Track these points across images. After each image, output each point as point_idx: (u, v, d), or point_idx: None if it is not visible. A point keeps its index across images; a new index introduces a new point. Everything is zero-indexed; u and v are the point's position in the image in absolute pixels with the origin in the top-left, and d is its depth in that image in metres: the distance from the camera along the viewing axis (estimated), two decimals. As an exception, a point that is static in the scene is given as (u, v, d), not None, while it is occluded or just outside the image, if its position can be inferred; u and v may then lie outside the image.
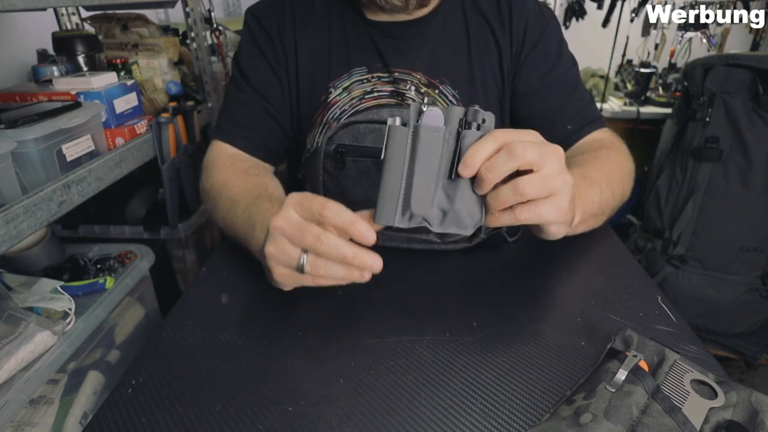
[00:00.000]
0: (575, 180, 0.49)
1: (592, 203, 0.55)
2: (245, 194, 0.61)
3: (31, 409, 0.78)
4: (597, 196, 0.56)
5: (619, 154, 0.66)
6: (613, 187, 0.60)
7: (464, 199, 0.42)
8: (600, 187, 0.57)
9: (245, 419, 0.38)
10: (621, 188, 0.62)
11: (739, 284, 1.45)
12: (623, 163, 0.65)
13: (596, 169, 0.59)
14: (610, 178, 0.60)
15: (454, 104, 0.72)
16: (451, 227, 0.42)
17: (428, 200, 0.42)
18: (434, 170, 0.42)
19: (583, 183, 0.55)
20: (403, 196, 0.42)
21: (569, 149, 0.72)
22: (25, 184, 0.70)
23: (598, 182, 0.57)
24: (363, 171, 0.59)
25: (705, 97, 1.39)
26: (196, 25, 1.26)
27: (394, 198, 0.42)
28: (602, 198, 0.57)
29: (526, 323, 0.48)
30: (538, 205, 0.42)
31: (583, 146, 0.70)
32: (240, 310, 0.51)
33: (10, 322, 0.71)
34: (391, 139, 0.43)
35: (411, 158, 0.42)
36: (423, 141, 0.42)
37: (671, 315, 0.49)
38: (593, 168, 0.59)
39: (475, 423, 0.37)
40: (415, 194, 0.41)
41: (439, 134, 0.42)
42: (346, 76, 0.72)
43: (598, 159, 0.63)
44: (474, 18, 0.73)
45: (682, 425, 0.34)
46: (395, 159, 0.42)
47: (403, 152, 0.42)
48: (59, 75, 1.03)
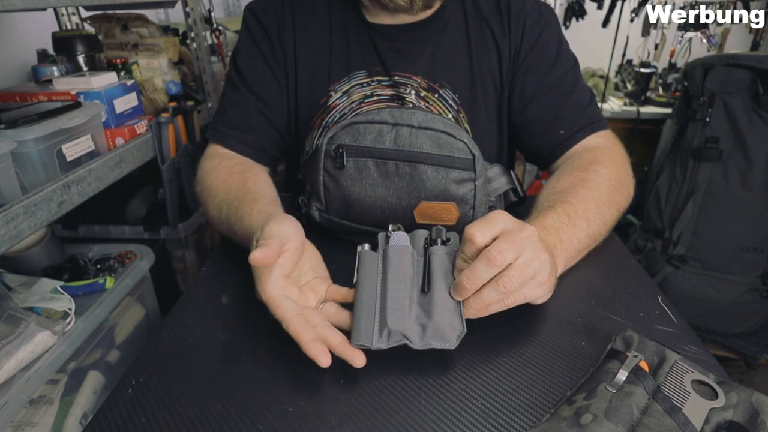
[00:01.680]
0: (559, 223, 0.52)
1: (579, 242, 0.54)
2: (226, 197, 0.62)
3: (31, 409, 0.78)
4: (584, 232, 0.55)
5: (612, 167, 0.63)
6: (603, 212, 0.58)
7: (442, 311, 0.42)
8: (587, 220, 0.56)
9: (245, 419, 0.38)
10: (614, 208, 0.60)
11: (739, 284, 1.45)
12: (615, 177, 0.62)
13: (584, 199, 0.57)
14: (600, 204, 0.58)
15: (454, 108, 0.72)
16: (434, 342, 0.41)
17: (404, 315, 0.42)
18: (407, 286, 0.43)
19: (567, 224, 0.54)
20: (379, 315, 0.42)
21: (562, 156, 0.70)
22: (25, 184, 0.70)
23: (585, 216, 0.56)
24: (363, 170, 0.59)
25: (705, 97, 1.39)
26: (196, 25, 1.26)
27: (371, 318, 0.42)
28: (590, 231, 0.56)
29: (526, 323, 0.48)
30: (522, 289, 0.43)
31: (575, 158, 0.67)
32: (240, 310, 0.51)
33: (10, 322, 0.71)
34: (363, 263, 0.44)
35: (383, 278, 0.44)
36: (392, 260, 0.44)
37: (671, 315, 0.49)
38: (581, 199, 0.57)
39: (475, 423, 0.37)
40: (390, 310, 0.42)
41: (406, 251, 0.45)
42: (346, 80, 0.72)
43: (586, 184, 0.60)
44: (474, 21, 0.72)
45: (683, 426, 0.34)
46: (368, 280, 0.43)
47: (375, 273, 0.44)
48: (59, 75, 1.03)
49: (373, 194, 0.59)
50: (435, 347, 0.41)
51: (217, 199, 0.64)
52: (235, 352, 0.45)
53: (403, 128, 0.59)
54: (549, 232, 0.52)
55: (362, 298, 0.43)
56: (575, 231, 0.55)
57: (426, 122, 0.59)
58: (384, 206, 0.60)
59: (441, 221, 0.60)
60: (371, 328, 0.41)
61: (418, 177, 0.58)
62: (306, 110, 0.74)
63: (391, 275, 0.44)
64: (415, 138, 0.58)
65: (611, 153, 0.67)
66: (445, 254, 0.46)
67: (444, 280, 0.44)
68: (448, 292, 0.43)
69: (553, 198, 0.59)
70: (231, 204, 0.60)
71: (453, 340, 0.41)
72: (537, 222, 0.53)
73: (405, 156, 0.58)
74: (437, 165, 0.58)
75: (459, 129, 0.60)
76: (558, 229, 0.53)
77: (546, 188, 0.64)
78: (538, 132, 0.72)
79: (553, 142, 0.70)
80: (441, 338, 0.41)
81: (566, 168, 0.66)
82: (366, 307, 0.42)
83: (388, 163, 0.58)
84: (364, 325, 0.41)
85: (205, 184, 0.68)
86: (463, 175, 0.59)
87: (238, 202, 0.59)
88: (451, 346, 0.41)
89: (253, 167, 0.71)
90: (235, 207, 0.59)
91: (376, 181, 0.59)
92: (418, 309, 0.43)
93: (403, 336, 0.41)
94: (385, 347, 0.41)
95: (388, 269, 0.44)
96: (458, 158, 0.58)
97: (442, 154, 0.58)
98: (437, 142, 0.58)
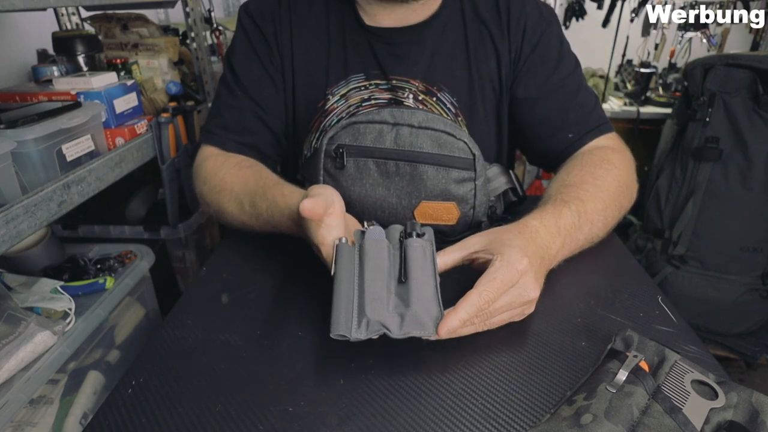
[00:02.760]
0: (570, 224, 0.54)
1: (576, 244, 0.56)
2: (245, 188, 0.62)
3: (31, 409, 0.78)
4: (585, 234, 0.56)
5: (622, 168, 0.64)
6: (608, 215, 0.59)
7: (419, 299, 0.42)
8: (591, 223, 0.57)
9: (245, 419, 0.38)
10: (618, 211, 0.61)
11: (739, 284, 1.45)
12: (624, 180, 0.63)
13: (594, 199, 0.58)
14: (607, 206, 0.59)
15: (452, 111, 0.72)
16: (413, 329, 0.41)
17: (383, 305, 0.42)
18: (384, 278, 0.44)
19: (576, 225, 0.55)
20: (358, 306, 0.42)
21: (571, 157, 0.70)
22: (25, 184, 0.70)
23: (590, 219, 0.56)
24: (363, 170, 0.59)
25: (705, 97, 1.39)
26: (196, 25, 1.25)
27: (349, 309, 0.42)
28: (591, 234, 0.57)
29: (526, 323, 0.48)
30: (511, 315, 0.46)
31: (585, 154, 0.68)
32: (240, 310, 0.51)
33: (10, 322, 0.71)
34: (340, 256, 0.45)
35: (360, 272, 0.44)
36: (369, 253, 0.45)
37: (671, 315, 0.49)
38: (591, 198, 0.58)
39: (475, 423, 0.37)
40: (368, 301, 0.42)
41: (383, 245, 0.46)
42: (344, 83, 0.71)
43: (596, 182, 0.60)
44: (473, 24, 0.71)
45: (683, 426, 0.34)
46: (346, 272, 0.44)
47: (353, 266, 0.45)
48: (59, 75, 1.03)
49: (374, 194, 0.59)
50: (414, 335, 0.41)
51: (233, 194, 0.63)
52: (235, 352, 0.45)
53: (403, 128, 0.58)
54: (559, 235, 0.52)
55: (340, 290, 0.43)
56: (579, 234, 0.55)
57: (426, 122, 0.59)
58: (384, 206, 0.60)
59: (441, 221, 0.61)
60: (350, 319, 0.41)
61: (418, 177, 0.58)
62: (303, 113, 0.73)
63: (368, 268, 0.44)
64: (416, 138, 0.58)
65: (621, 155, 0.67)
66: (421, 246, 0.46)
67: (420, 271, 0.44)
68: (425, 282, 0.43)
69: (566, 192, 0.59)
70: (254, 193, 0.60)
71: (431, 327, 0.41)
72: (551, 219, 0.53)
73: (405, 156, 0.58)
74: (438, 165, 0.58)
75: (459, 129, 0.60)
76: (567, 232, 0.53)
77: (556, 180, 0.64)
78: (545, 135, 0.71)
79: (560, 144, 0.70)
80: (419, 326, 0.41)
81: (576, 163, 0.66)
82: (345, 297, 0.42)
83: (388, 162, 0.58)
84: (344, 315, 0.41)
85: (213, 182, 0.67)
86: (464, 174, 0.59)
87: (263, 190, 0.59)
88: (431, 333, 0.41)
89: (259, 162, 0.71)
90: (261, 194, 0.59)
91: (376, 180, 0.59)
92: (396, 299, 0.43)
93: (382, 326, 0.41)
94: (363, 338, 0.41)
95: (365, 263, 0.44)
96: (458, 158, 0.58)
97: (442, 153, 0.58)
98: (438, 141, 0.58)
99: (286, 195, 0.56)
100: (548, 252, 0.50)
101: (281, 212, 0.56)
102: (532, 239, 0.49)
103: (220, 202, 0.66)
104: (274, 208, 0.57)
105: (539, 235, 0.50)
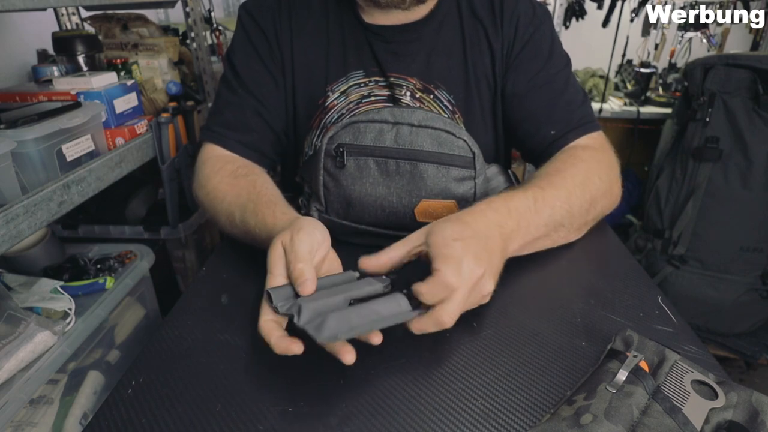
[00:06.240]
0: (524, 207, 0.53)
1: (537, 229, 0.55)
2: (237, 200, 0.61)
3: (31, 409, 0.78)
4: (545, 219, 0.55)
5: (589, 162, 0.63)
6: (572, 203, 0.57)
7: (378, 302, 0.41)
8: (552, 208, 0.55)
9: (245, 419, 0.38)
10: (587, 201, 0.59)
11: (739, 284, 1.45)
12: (591, 171, 0.62)
13: (555, 186, 0.57)
14: (571, 194, 0.57)
15: (449, 109, 0.72)
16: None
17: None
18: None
19: (532, 209, 0.54)
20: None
21: (552, 155, 0.69)
22: (25, 184, 0.70)
23: (551, 204, 0.55)
24: (363, 169, 0.59)
25: (705, 97, 1.39)
26: (196, 25, 1.26)
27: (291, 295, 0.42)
28: (552, 219, 0.56)
29: (526, 323, 0.48)
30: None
31: (560, 154, 0.67)
32: (240, 310, 0.51)
33: (10, 322, 0.71)
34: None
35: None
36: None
37: (671, 315, 0.49)
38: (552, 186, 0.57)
39: (475, 423, 0.37)
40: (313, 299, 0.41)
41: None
42: (344, 80, 0.72)
43: (561, 173, 0.60)
44: (469, 21, 0.72)
45: (683, 426, 0.34)
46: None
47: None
48: (59, 75, 1.03)
49: (374, 193, 0.59)
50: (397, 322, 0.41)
51: (225, 203, 0.62)
52: (235, 352, 0.45)
53: (403, 127, 0.59)
54: (511, 216, 0.51)
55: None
56: (537, 218, 0.54)
57: (426, 121, 0.59)
58: (385, 205, 0.60)
59: None
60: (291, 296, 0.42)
61: (418, 175, 0.58)
62: (304, 111, 0.74)
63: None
64: (416, 136, 0.58)
65: (599, 153, 0.66)
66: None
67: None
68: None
69: (525, 183, 0.59)
70: (245, 207, 0.59)
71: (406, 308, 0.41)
72: (502, 200, 0.52)
73: (405, 154, 0.58)
74: (438, 163, 0.58)
75: (458, 127, 0.60)
76: (521, 214, 0.52)
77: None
78: (530, 131, 0.71)
79: (544, 141, 0.70)
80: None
81: (552, 159, 0.66)
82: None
83: (388, 161, 0.58)
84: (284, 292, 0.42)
85: (207, 189, 0.66)
86: (464, 173, 0.59)
87: (253, 206, 0.58)
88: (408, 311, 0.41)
89: (256, 169, 0.70)
90: (252, 210, 0.57)
91: (376, 179, 0.59)
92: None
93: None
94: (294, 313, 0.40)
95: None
96: (458, 156, 0.58)
97: (442, 152, 0.58)
98: (437, 140, 0.58)
99: (277, 215, 0.54)
100: (501, 230, 0.49)
101: (268, 233, 0.54)
102: (468, 224, 0.47)
103: (213, 210, 0.65)
104: (262, 227, 0.55)
105: (484, 215, 0.49)
